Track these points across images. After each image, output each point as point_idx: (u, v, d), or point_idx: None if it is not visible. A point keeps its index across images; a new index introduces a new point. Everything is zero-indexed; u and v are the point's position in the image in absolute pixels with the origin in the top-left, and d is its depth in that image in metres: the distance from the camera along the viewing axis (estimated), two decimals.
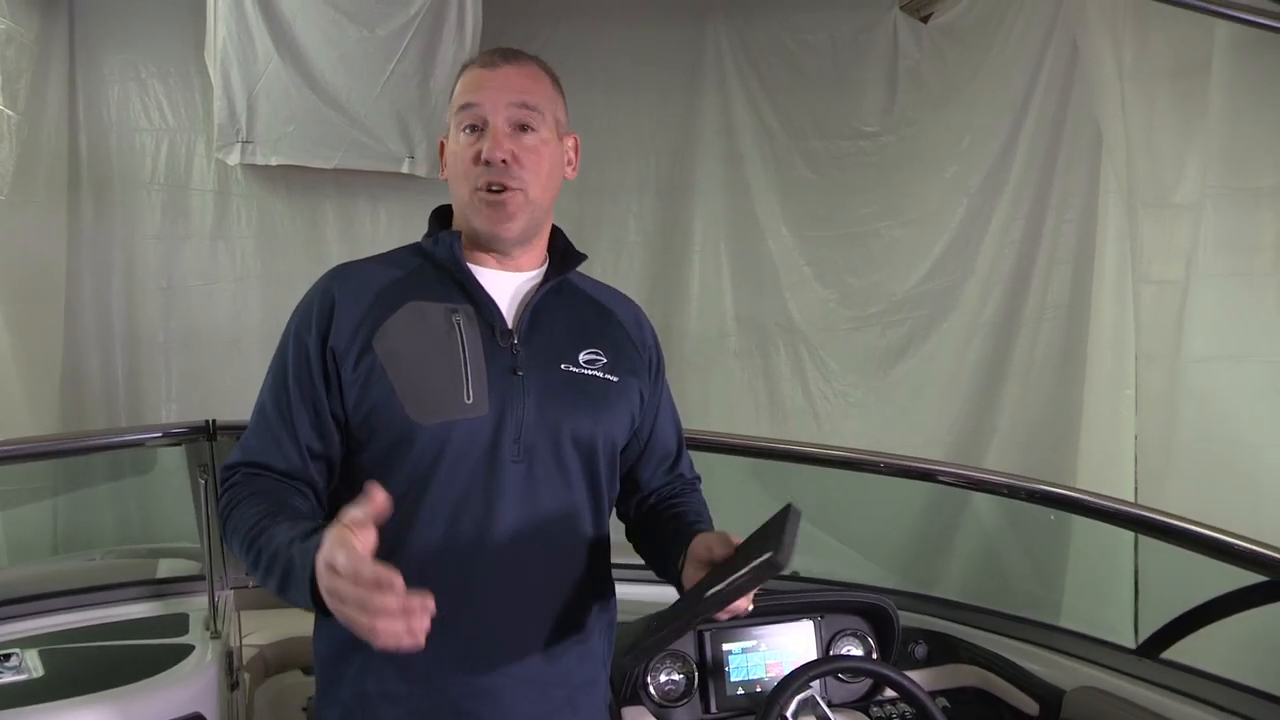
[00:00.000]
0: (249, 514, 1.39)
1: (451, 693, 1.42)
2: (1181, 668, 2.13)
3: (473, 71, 1.52)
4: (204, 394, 4.57)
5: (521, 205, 1.48)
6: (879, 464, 2.55)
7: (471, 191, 1.47)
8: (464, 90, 1.50)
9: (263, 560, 1.33)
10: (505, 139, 1.46)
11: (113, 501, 4.27)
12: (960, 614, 2.52)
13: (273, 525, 1.35)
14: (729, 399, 5.07)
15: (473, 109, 1.48)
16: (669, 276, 5.11)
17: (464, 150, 1.48)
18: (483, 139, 1.46)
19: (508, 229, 1.48)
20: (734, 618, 1.47)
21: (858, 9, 4.85)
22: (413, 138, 4.51)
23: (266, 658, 2.32)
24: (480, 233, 1.49)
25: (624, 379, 1.56)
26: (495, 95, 1.47)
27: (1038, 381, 4.48)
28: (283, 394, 1.45)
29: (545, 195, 1.51)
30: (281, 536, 1.32)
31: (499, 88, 1.48)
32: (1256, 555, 1.94)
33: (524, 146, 1.47)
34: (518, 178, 1.46)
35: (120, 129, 4.59)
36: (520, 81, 1.50)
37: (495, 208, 1.46)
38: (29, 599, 2.20)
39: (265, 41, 4.30)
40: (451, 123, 1.52)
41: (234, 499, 1.43)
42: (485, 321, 1.48)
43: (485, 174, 1.45)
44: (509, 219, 1.47)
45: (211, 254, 4.68)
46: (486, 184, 1.46)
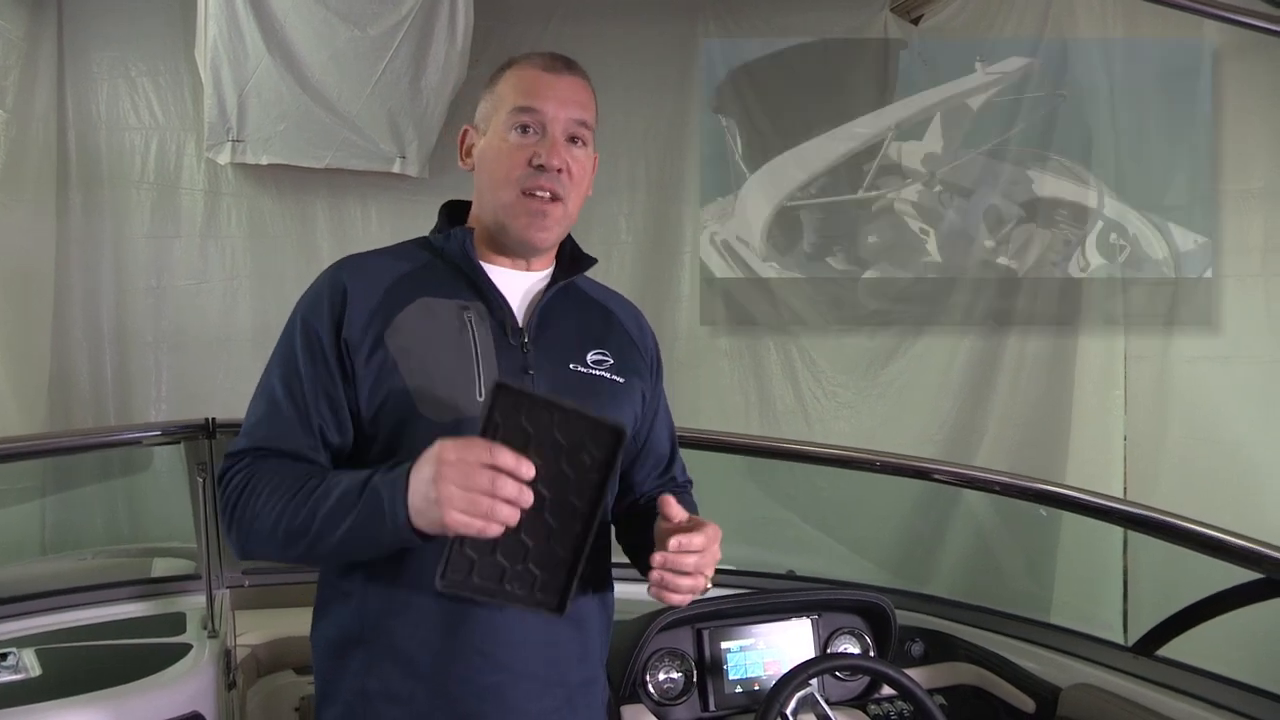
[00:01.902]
0: (283, 482, 1.37)
1: (453, 690, 1.42)
2: (1177, 665, 2.15)
3: (531, 72, 1.50)
4: (194, 393, 4.54)
5: (561, 217, 1.49)
6: (875, 462, 2.55)
7: (519, 193, 1.46)
8: (523, 91, 1.49)
9: (325, 504, 1.32)
10: (563, 149, 1.47)
11: (101, 501, 4.25)
12: (957, 612, 2.53)
13: (327, 478, 1.35)
14: (720, 399, 5.07)
15: (533, 113, 1.47)
16: (660, 277, 5.11)
17: (514, 150, 1.47)
18: (540, 143, 1.46)
19: (544, 238, 1.49)
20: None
21: (848, 10, 4.86)
22: (404, 137, 4.50)
23: (259, 658, 2.30)
24: (513, 235, 1.49)
25: (629, 380, 1.57)
26: (558, 105, 1.47)
27: (1027, 382, 4.50)
28: (295, 382, 1.43)
29: (578, 208, 1.53)
30: (348, 478, 1.32)
31: (562, 99, 1.48)
32: (1251, 552, 1.95)
33: (574, 159, 1.48)
34: (565, 189, 1.47)
35: (110, 127, 4.56)
36: (581, 95, 1.51)
37: (537, 216, 1.46)
38: (26, 598, 2.19)
39: (256, 40, 4.29)
40: (496, 118, 1.50)
41: (253, 475, 1.40)
42: (496, 320, 1.48)
43: (538, 177, 1.45)
44: (547, 229, 1.48)
45: (201, 253, 4.65)
46: (537, 187, 1.45)
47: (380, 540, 1.29)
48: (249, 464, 1.42)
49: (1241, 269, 3.55)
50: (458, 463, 1.20)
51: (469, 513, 1.19)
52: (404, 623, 1.41)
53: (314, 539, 1.33)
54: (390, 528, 1.27)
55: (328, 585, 1.49)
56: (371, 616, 1.43)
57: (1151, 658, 2.18)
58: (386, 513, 1.27)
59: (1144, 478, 4.03)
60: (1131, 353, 4.05)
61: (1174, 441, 3.90)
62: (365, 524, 1.29)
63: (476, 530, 1.20)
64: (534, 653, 1.45)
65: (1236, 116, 3.31)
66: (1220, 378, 3.72)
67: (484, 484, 1.19)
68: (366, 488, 1.30)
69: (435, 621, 1.41)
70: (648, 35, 4.95)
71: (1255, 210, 3.46)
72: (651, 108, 5.02)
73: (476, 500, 1.19)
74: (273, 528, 1.35)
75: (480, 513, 1.19)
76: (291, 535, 1.34)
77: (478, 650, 1.42)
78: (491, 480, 1.19)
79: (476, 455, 1.20)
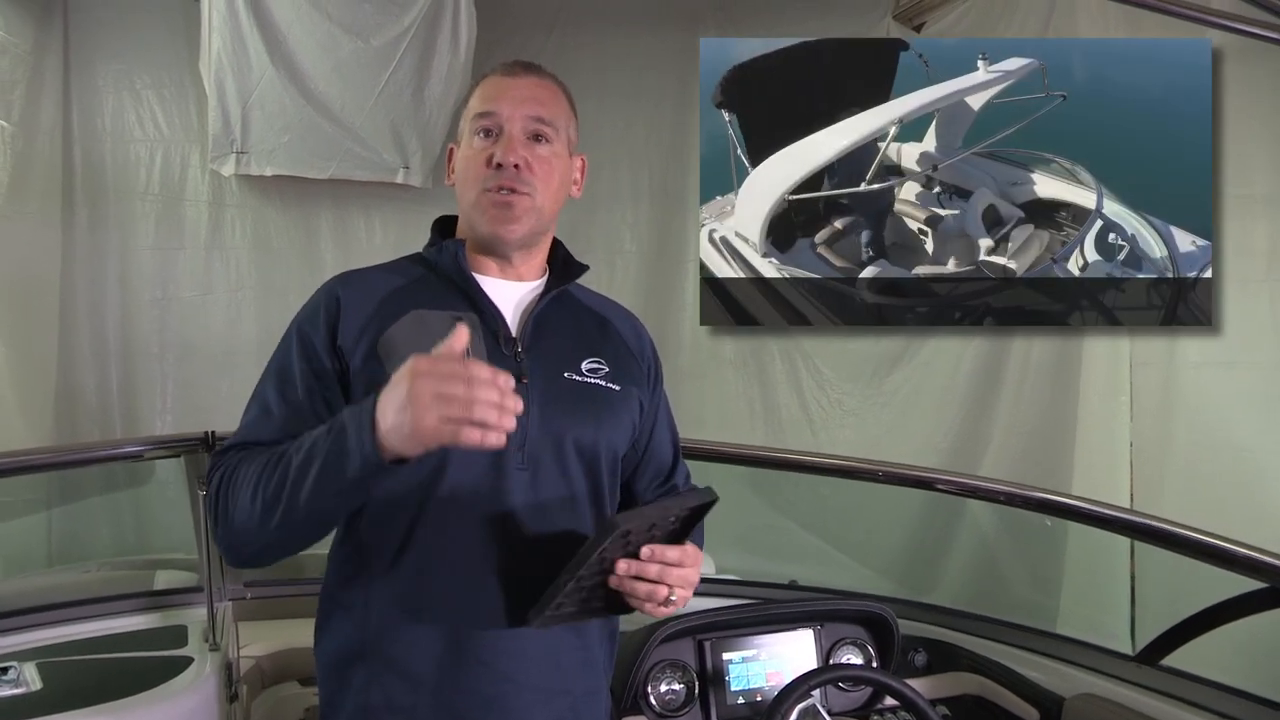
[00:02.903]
0: (261, 460, 1.35)
1: (456, 702, 1.42)
2: (1182, 674, 2.13)
3: (493, 79, 1.54)
4: (199, 405, 4.56)
5: (528, 210, 1.48)
6: (877, 473, 2.54)
7: (480, 193, 1.48)
8: (482, 97, 1.52)
9: (297, 458, 1.29)
10: (520, 146, 1.48)
11: (107, 513, 4.26)
12: (960, 621, 2.52)
13: (299, 440, 1.33)
14: (724, 408, 5.07)
15: (492, 115, 1.49)
16: (664, 285, 5.11)
17: (476, 154, 1.49)
18: (497, 144, 1.48)
19: (511, 230, 1.49)
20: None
21: (851, 17, 4.87)
22: (407, 148, 4.52)
23: (264, 669, 2.30)
24: (484, 234, 1.50)
25: (625, 388, 1.56)
26: (514, 104, 1.49)
27: (1032, 389, 4.48)
28: (290, 389, 1.44)
29: (551, 206, 1.53)
30: (318, 429, 1.31)
31: (518, 97, 1.50)
32: (1255, 562, 1.94)
33: (537, 156, 1.49)
34: (528, 184, 1.47)
35: (115, 140, 4.60)
36: (539, 93, 1.52)
37: (501, 209, 1.47)
38: (27, 611, 2.19)
39: (260, 52, 4.31)
40: (466, 128, 1.53)
41: (237, 464, 1.39)
42: (489, 330, 1.47)
43: (496, 177, 1.47)
44: (514, 221, 1.48)
45: (206, 265, 4.68)
46: (496, 186, 1.46)
47: (349, 474, 1.25)
48: (232, 456, 1.42)
49: (1246, 273, 3.54)
50: (430, 370, 1.20)
51: (445, 414, 1.18)
52: (406, 635, 1.41)
53: (288, 497, 1.29)
54: (358, 454, 1.23)
55: (329, 598, 1.49)
56: (373, 629, 1.42)
57: (1156, 667, 2.17)
58: (352, 440, 1.24)
59: (1150, 484, 4.01)
60: (1136, 358, 4.03)
61: (1180, 447, 3.88)
62: (334, 460, 1.26)
63: (450, 435, 1.19)
64: (537, 663, 1.45)
65: (1238, 119, 3.30)
66: (1226, 383, 3.70)
67: (459, 389, 1.18)
68: (332, 424, 1.28)
69: (437, 633, 1.40)
70: (649, 44, 4.96)
71: (1259, 214, 3.45)
72: (654, 116, 5.03)
73: (452, 400, 1.18)
74: (251, 501, 1.33)
75: (457, 412, 1.18)
76: (268, 503, 1.31)
77: (480, 661, 1.42)
78: (468, 383, 1.19)
79: (451, 366, 1.20)
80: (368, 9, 4.40)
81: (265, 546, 1.38)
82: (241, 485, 1.36)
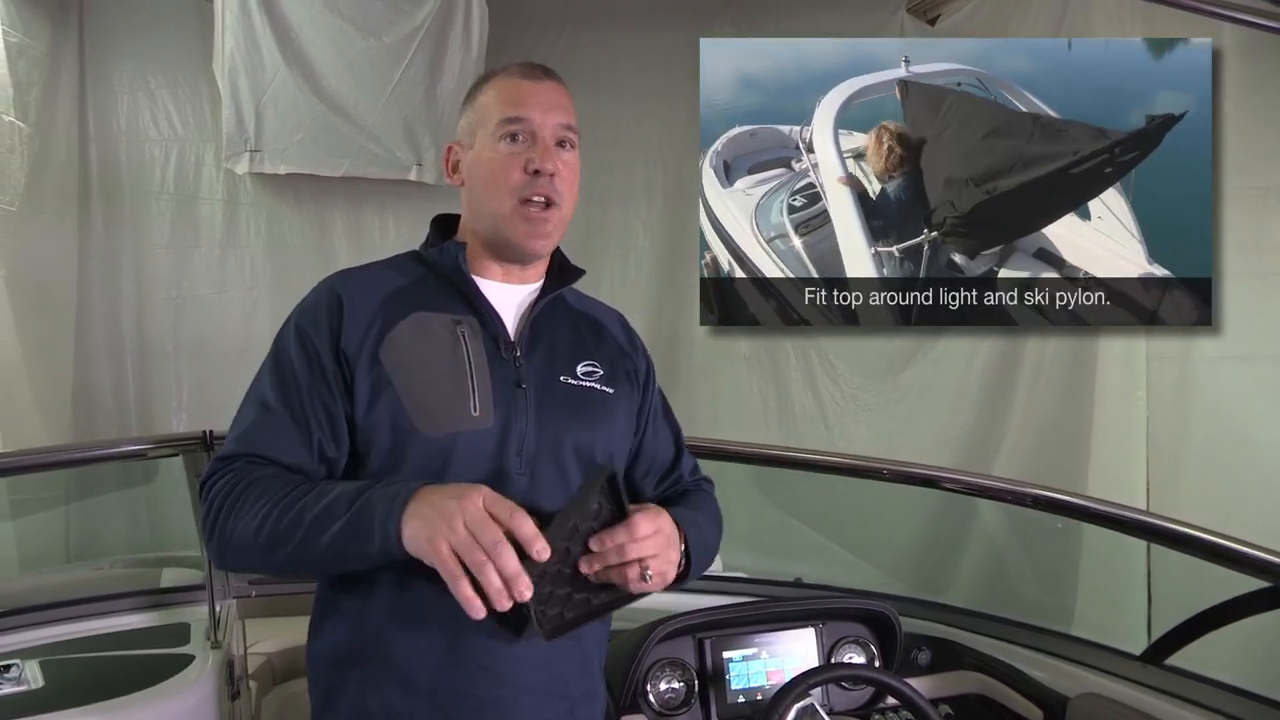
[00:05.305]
0: (272, 486, 1.36)
1: (453, 706, 1.41)
2: (1187, 674, 2.11)
3: (513, 82, 1.51)
4: (214, 403, 4.58)
5: (559, 223, 1.49)
6: (882, 471, 2.52)
7: (517, 202, 1.46)
8: (508, 101, 1.49)
9: (315, 508, 1.31)
10: (555, 153, 1.47)
11: (125, 510, 4.30)
12: (964, 620, 2.50)
13: (319, 485, 1.35)
14: (739, 404, 5.06)
15: (522, 121, 1.47)
16: (678, 282, 5.10)
17: (507, 159, 1.47)
18: (532, 149, 1.46)
19: (544, 245, 1.49)
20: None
21: (864, 11, 4.84)
22: (420, 145, 4.53)
23: (275, 665, 2.31)
24: (513, 244, 1.49)
25: (619, 390, 1.56)
26: (544, 110, 1.48)
27: (1048, 383, 4.46)
28: (292, 391, 1.42)
29: (571, 213, 1.53)
30: (342, 485, 1.33)
31: (547, 104, 1.49)
32: (1259, 561, 1.92)
33: (565, 163, 1.48)
34: (561, 193, 1.47)
35: (130, 139, 4.64)
36: (563, 100, 1.51)
37: (537, 224, 1.46)
38: (31, 609, 2.20)
39: (273, 51, 4.33)
40: (484, 130, 1.50)
41: (240, 481, 1.38)
42: (489, 334, 1.47)
43: (535, 184, 1.45)
44: (547, 235, 1.48)
45: (221, 263, 4.71)
46: (534, 195, 1.45)
47: (367, 551, 1.28)
48: (238, 469, 1.40)
49: (1262, 267, 3.51)
50: (479, 509, 1.24)
51: (459, 551, 1.22)
52: (402, 639, 1.40)
53: (300, 543, 1.31)
54: (380, 539, 1.27)
55: (323, 601, 1.48)
56: (369, 633, 1.42)
57: (1161, 667, 2.14)
58: (379, 519, 1.27)
59: (1167, 480, 3.97)
60: (1152, 353, 4.00)
61: (1197, 443, 3.85)
62: (355, 531, 1.28)
63: (450, 571, 1.22)
64: (534, 666, 1.44)
65: (1249, 113, 3.27)
66: (1242, 378, 3.67)
67: (489, 539, 1.22)
68: (361, 497, 1.30)
69: (434, 637, 1.40)
70: (662, 40, 4.95)
71: (1275, 208, 3.42)
72: (667, 113, 5.01)
73: (474, 549, 1.22)
74: (257, 531, 1.33)
75: (471, 559, 1.21)
76: (276, 539, 1.32)
77: (478, 665, 1.41)
78: (495, 543, 1.22)
79: (500, 509, 1.24)
80: (380, 7, 4.42)
81: (258, 568, 1.46)
82: (245, 511, 1.35)
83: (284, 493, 1.34)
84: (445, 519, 1.23)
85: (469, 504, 1.24)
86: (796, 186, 3.50)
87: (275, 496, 1.34)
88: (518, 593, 1.22)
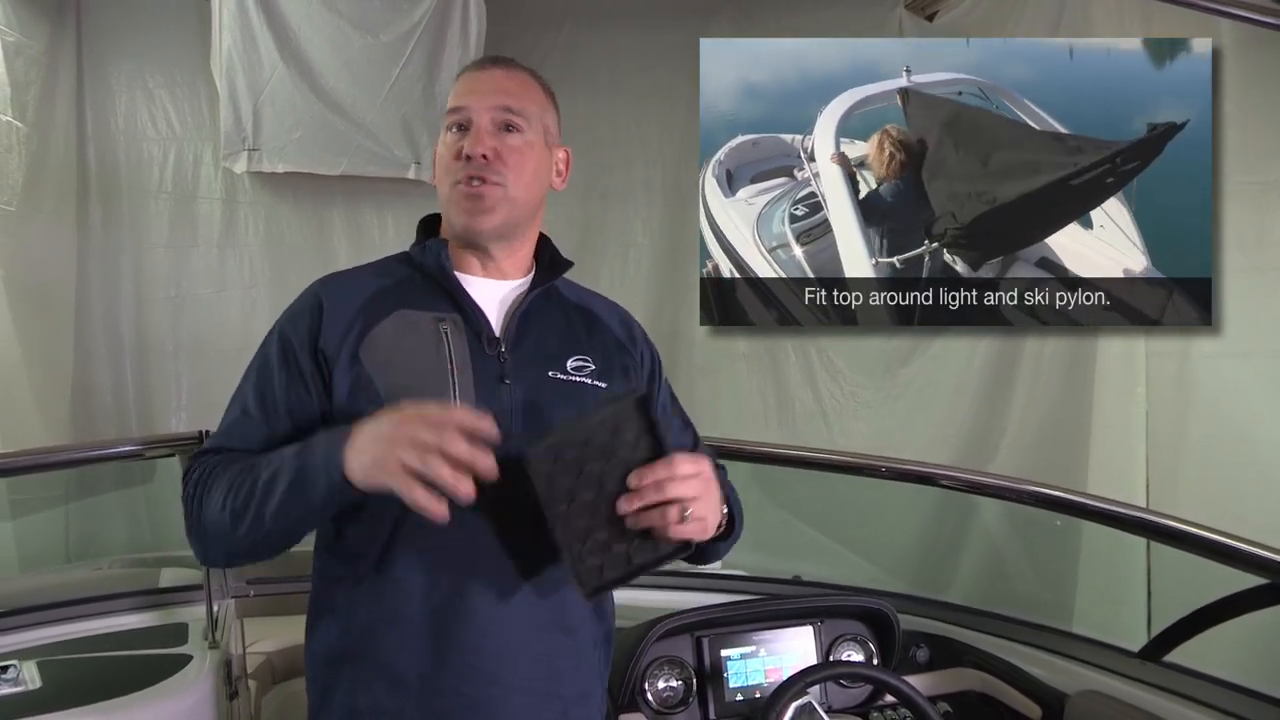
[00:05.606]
0: (235, 467, 1.38)
1: (443, 705, 1.40)
2: (1185, 671, 2.11)
3: (463, 76, 1.55)
4: (214, 402, 4.52)
5: (500, 200, 1.47)
6: (881, 468, 2.52)
7: (451, 186, 1.48)
8: (454, 94, 1.52)
9: (263, 476, 1.33)
10: (488, 136, 1.47)
11: (124, 509, 4.30)
12: (963, 617, 2.50)
13: (273, 453, 1.37)
14: (738, 403, 5.06)
15: (459, 110, 1.49)
16: (677, 281, 5.09)
17: (447, 149, 1.50)
18: (466, 137, 1.48)
19: (483, 221, 1.47)
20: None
21: (862, 8, 4.84)
22: (418, 143, 4.53)
23: (274, 664, 2.30)
24: (458, 227, 1.50)
25: (614, 384, 1.54)
26: (480, 97, 1.49)
27: (1047, 380, 4.45)
28: (269, 391, 1.45)
29: (527, 196, 1.51)
30: (293, 447, 1.35)
31: (485, 90, 1.50)
32: (1258, 558, 1.91)
33: (507, 145, 1.48)
34: (498, 174, 1.46)
35: (128, 138, 4.64)
36: (507, 84, 1.51)
37: (473, 200, 1.46)
38: (29, 610, 2.19)
39: (270, 49, 4.33)
40: (443, 127, 1.53)
41: (212, 468, 1.41)
42: (472, 330, 1.47)
43: (465, 168, 1.46)
44: (486, 212, 1.47)
45: (220, 262, 4.71)
46: (466, 178, 1.46)
47: (315, 496, 1.29)
48: (208, 462, 1.43)
49: (1262, 263, 3.51)
50: (414, 416, 1.25)
51: (408, 459, 1.22)
52: (391, 637, 1.40)
53: (256, 510, 1.33)
54: (325, 481, 1.28)
55: (317, 599, 1.49)
56: (357, 631, 1.42)
57: (1159, 663, 2.14)
58: (319, 460, 1.29)
59: (1166, 477, 3.97)
60: (1152, 350, 4.00)
61: (1196, 439, 3.85)
62: (302, 480, 1.30)
63: (404, 485, 1.22)
64: (527, 665, 1.43)
65: (1250, 110, 3.27)
66: (1242, 374, 3.67)
67: (430, 437, 1.22)
68: (305, 444, 1.33)
69: (423, 635, 1.39)
70: (661, 39, 4.94)
71: (1274, 204, 3.42)
72: (666, 112, 5.00)
73: (422, 446, 1.22)
74: (220, 509, 1.36)
75: (415, 462, 1.21)
76: (236, 512, 1.34)
77: (468, 664, 1.40)
78: (440, 434, 1.22)
79: (434, 414, 1.25)
80: (377, 5, 4.42)
81: (233, 553, 1.44)
82: (213, 492, 1.38)
83: (240, 470, 1.37)
84: (385, 440, 1.24)
85: (403, 418, 1.25)
86: (798, 196, 3.50)
87: (232, 474, 1.37)
88: (480, 472, 1.22)
